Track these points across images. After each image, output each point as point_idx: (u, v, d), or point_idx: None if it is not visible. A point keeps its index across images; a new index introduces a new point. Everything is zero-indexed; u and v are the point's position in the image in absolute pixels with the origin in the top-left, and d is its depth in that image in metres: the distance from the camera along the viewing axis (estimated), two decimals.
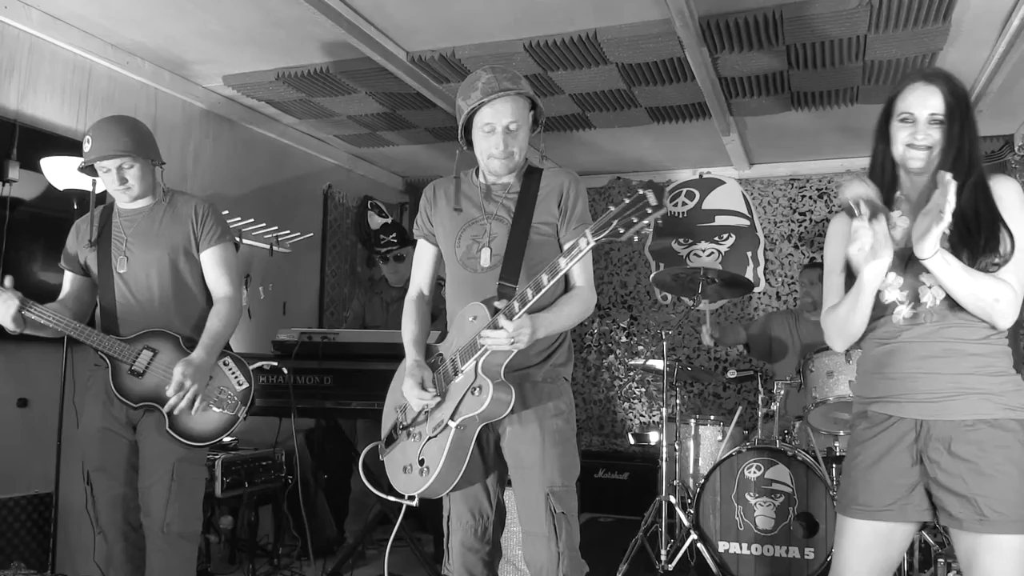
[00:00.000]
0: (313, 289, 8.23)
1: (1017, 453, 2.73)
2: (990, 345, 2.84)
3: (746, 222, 8.76)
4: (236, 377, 4.10)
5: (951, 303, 2.81)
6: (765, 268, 8.62)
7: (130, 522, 3.95)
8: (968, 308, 2.77)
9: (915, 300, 2.85)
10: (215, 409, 3.98)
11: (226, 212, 5.54)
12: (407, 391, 3.38)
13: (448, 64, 5.93)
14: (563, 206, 3.46)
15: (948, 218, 2.62)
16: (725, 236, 8.79)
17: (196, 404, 3.91)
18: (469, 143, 3.51)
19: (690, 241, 8.91)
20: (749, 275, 8.57)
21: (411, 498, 3.42)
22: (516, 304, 3.12)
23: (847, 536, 2.94)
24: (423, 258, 3.71)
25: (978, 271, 2.73)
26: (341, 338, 5.37)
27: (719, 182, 8.90)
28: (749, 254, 8.70)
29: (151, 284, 4.03)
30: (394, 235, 6.75)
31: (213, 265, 4.14)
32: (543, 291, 3.07)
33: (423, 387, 3.35)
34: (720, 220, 8.83)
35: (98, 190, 4.18)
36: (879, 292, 2.88)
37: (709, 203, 8.89)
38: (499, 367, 3.25)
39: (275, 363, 4.89)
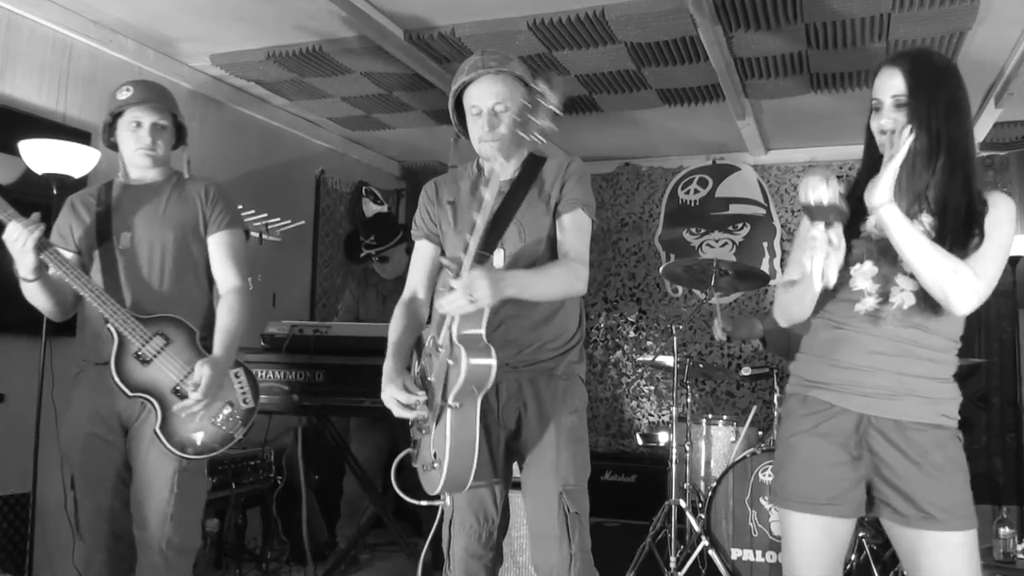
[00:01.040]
0: (304, 280, 8.25)
1: (957, 453, 2.83)
2: (944, 354, 2.90)
3: (762, 211, 8.77)
4: (244, 393, 4.03)
5: (918, 309, 2.83)
6: (782, 260, 8.61)
7: (115, 533, 3.87)
8: (924, 281, 2.75)
9: (884, 297, 2.87)
10: (214, 421, 3.91)
11: None
12: (385, 401, 3.34)
13: (447, 43, 5.93)
14: (562, 186, 3.46)
15: (897, 163, 2.71)
16: (740, 226, 8.80)
17: (201, 412, 3.83)
18: (467, 132, 3.54)
19: (703, 231, 8.92)
20: (765, 267, 8.57)
21: (436, 497, 3.41)
22: (462, 256, 3.07)
23: (794, 531, 2.96)
24: (421, 259, 3.68)
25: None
26: (334, 332, 5.37)
27: (733, 168, 8.91)
28: (765, 245, 8.71)
29: (156, 264, 3.95)
30: (372, 237, 6.73)
31: (221, 252, 4.07)
32: (479, 232, 3.02)
33: (407, 391, 3.30)
34: (734, 209, 8.84)
35: (83, 172, 4.13)
36: (850, 274, 2.89)
37: (723, 191, 8.91)
38: (478, 332, 3.16)
39: (284, 386, 4.85)
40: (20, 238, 3.67)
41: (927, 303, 2.81)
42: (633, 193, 9.31)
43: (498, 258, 3.42)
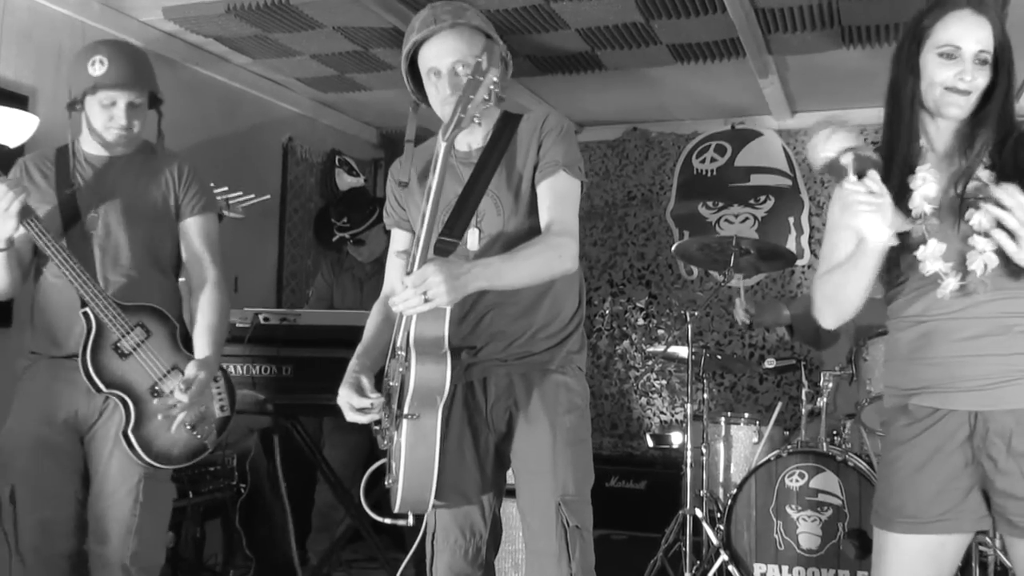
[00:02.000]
0: (270, 262, 8.24)
1: None
2: None
3: (788, 182, 8.77)
4: (221, 401, 4.04)
5: (1007, 270, 2.77)
6: (811, 237, 8.62)
7: (59, 550, 3.87)
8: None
9: (962, 269, 2.82)
10: (188, 430, 3.89)
11: None
12: (340, 402, 3.33)
13: None
14: (539, 147, 3.39)
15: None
16: (762, 199, 8.80)
17: (182, 417, 3.81)
18: (425, 99, 3.48)
19: (720, 204, 8.93)
20: (791, 245, 8.58)
21: (404, 516, 3.39)
22: (416, 250, 3.06)
23: (890, 555, 2.94)
24: (398, 248, 3.65)
25: None
26: (304, 320, 5.37)
27: (755, 134, 8.92)
28: (791, 220, 8.71)
29: (125, 250, 3.93)
30: (346, 219, 6.72)
31: (196, 239, 4.07)
32: (428, 221, 3.02)
33: (360, 393, 3.28)
34: (756, 179, 8.85)
35: (20, 141, 4.08)
36: (918, 263, 2.85)
37: (743, 159, 8.91)
38: (438, 335, 3.12)
39: (259, 395, 4.84)
40: (3, 200, 3.62)
41: (1010, 265, 2.74)
42: (642, 162, 9.31)
43: (472, 239, 3.38)
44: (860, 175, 2.68)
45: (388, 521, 3.42)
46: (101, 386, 3.77)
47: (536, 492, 3.36)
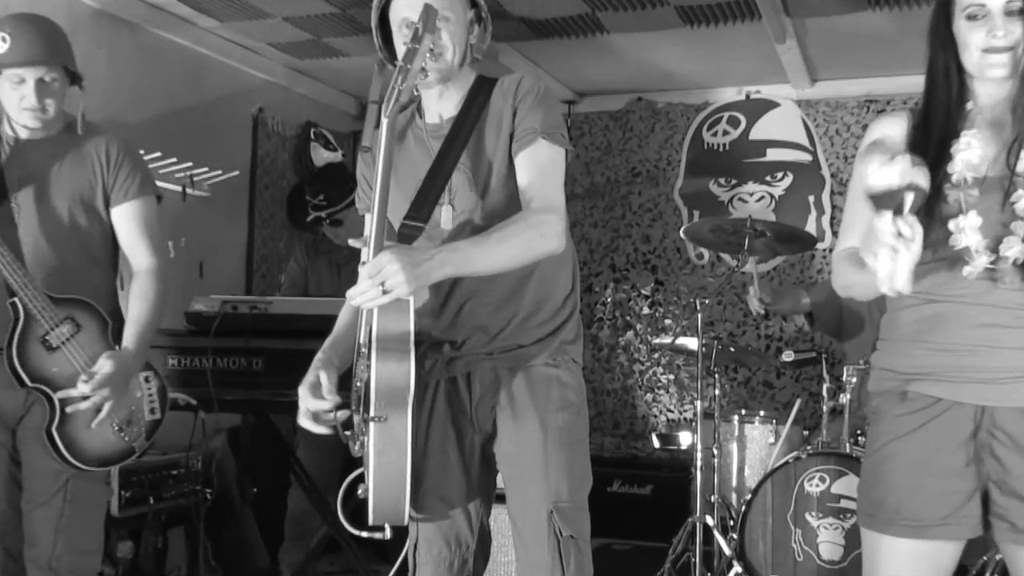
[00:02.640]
0: (239, 244, 8.24)
1: None
2: None
3: (807, 157, 8.76)
4: (152, 403, 4.05)
5: None
6: (833, 218, 8.61)
7: (6, 549, 3.90)
8: None
9: (994, 251, 2.80)
10: (115, 430, 3.91)
11: None
12: (300, 403, 3.30)
13: None
14: (513, 114, 3.34)
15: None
16: (779, 175, 8.80)
17: (102, 414, 3.83)
18: (394, 56, 3.44)
19: (733, 182, 8.92)
20: (811, 226, 8.57)
21: (380, 528, 3.37)
22: (368, 234, 3.04)
23: (884, 561, 2.94)
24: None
25: None
26: (276, 309, 5.36)
27: (772, 104, 8.90)
28: (811, 199, 8.70)
29: (48, 239, 3.95)
30: (322, 196, 6.71)
31: (129, 226, 4.07)
32: (377, 205, 3.00)
33: (318, 394, 3.25)
34: (773, 154, 8.84)
35: None
36: (944, 235, 2.83)
37: (758, 132, 8.90)
38: (403, 330, 3.09)
39: (192, 401, 4.85)
40: None
41: None
42: (647, 135, 9.29)
43: (446, 218, 3.33)
44: (897, 212, 2.59)
45: (364, 534, 3.41)
46: (26, 379, 3.81)
47: (526, 499, 3.34)
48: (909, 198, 2.58)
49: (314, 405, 3.23)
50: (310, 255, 6.98)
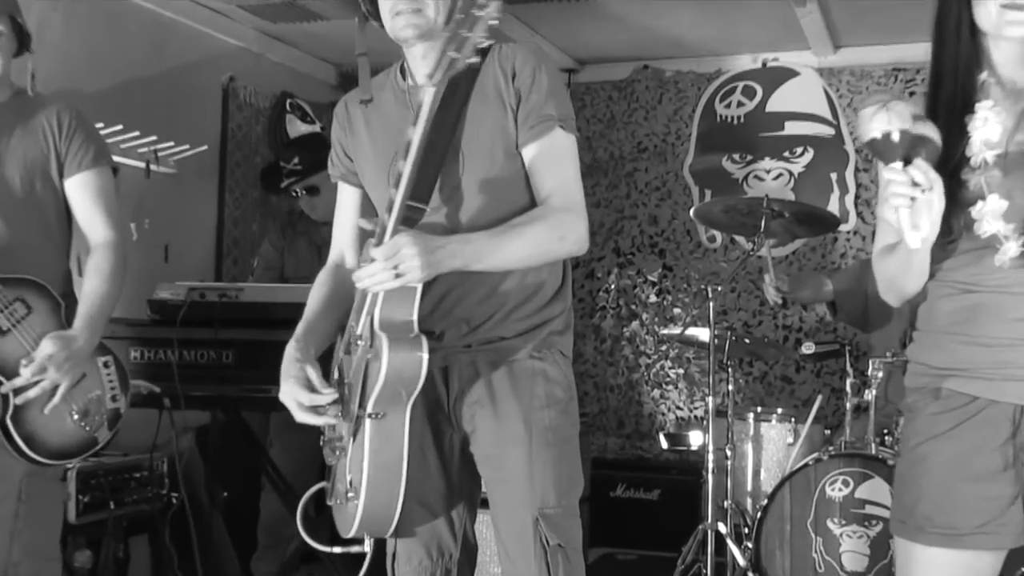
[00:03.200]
0: (208, 226, 8.21)
1: None
2: None
3: (829, 131, 8.76)
4: (113, 389, 4.04)
5: None
6: (857, 197, 8.62)
7: None
8: None
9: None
10: (74, 419, 3.90)
11: None
12: (287, 402, 3.29)
13: None
14: (519, 98, 3.31)
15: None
16: (799, 151, 8.79)
17: (56, 399, 3.83)
18: (377, 14, 3.43)
19: (749, 158, 8.92)
20: (833, 206, 8.57)
21: (353, 542, 3.36)
22: (385, 215, 3.03)
23: (916, 572, 2.93)
24: (345, 207, 3.65)
25: None
26: (248, 296, 5.35)
27: (791, 73, 8.90)
28: (834, 176, 8.70)
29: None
30: (297, 160, 6.70)
31: (84, 198, 4.07)
32: (404, 183, 2.99)
33: (310, 388, 3.25)
34: (792, 128, 8.83)
35: None
36: (972, 218, 2.81)
37: (776, 103, 8.89)
38: (407, 319, 3.11)
39: (155, 388, 4.83)
40: None
41: None
42: (654, 107, 9.29)
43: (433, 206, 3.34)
44: (907, 160, 2.62)
45: (338, 550, 3.40)
46: None
47: (509, 505, 3.32)
48: (898, 137, 2.60)
49: (310, 399, 3.23)
50: (287, 235, 6.97)
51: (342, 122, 3.58)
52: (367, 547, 3.34)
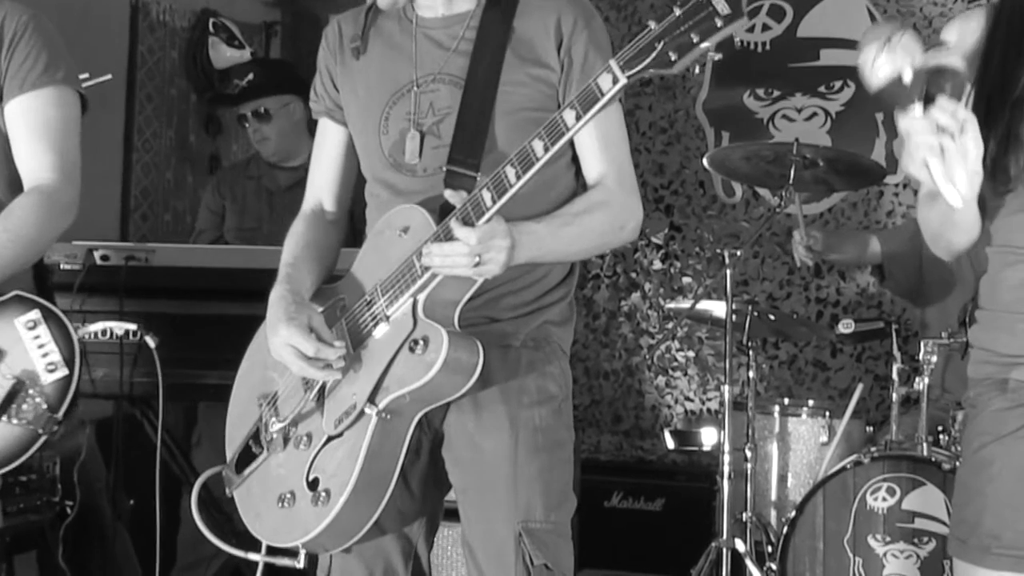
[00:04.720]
0: (111, 174, 8.21)
1: None
2: None
3: None
4: (47, 355, 3.98)
5: None
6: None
7: None
8: None
9: None
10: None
11: None
12: (284, 353, 3.28)
13: None
14: (562, 54, 3.39)
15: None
16: (837, 85, 8.80)
17: None
18: None
19: (776, 94, 8.93)
20: (878, 154, 8.57)
21: (289, 553, 3.38)
22: (486, 195, 3.06)
23: None
24: (327, 147, 3.67)
25: None
26: (161, 259, 5.33)
27: None
28: (879, 117, 8.70)
29: None
30: (251, 76, 6.71)
31: (29, 125, 4.03)
32: (509, 193, 3.02)
33: (318, 337, 3.25)
34: (828, 57, 8.84)
35: None
36: None
37: (809, 27, 8.90)
38: (453, 308, 3.19)
39: (134, 327, 4.82)
40: None
41: None
42: None
43: (411, 149, 3.37)
44: (928, 100, 2.58)
45: (262, 558, 3.43)
46: None
47: (486, 518, 3.36)
48: (910, 77, 2.58)
49: (316, 349, 3.22)
50: (230, 184, 6.95)
51: (333, 48, 3.60)
52: (301, 562, 3.36)
